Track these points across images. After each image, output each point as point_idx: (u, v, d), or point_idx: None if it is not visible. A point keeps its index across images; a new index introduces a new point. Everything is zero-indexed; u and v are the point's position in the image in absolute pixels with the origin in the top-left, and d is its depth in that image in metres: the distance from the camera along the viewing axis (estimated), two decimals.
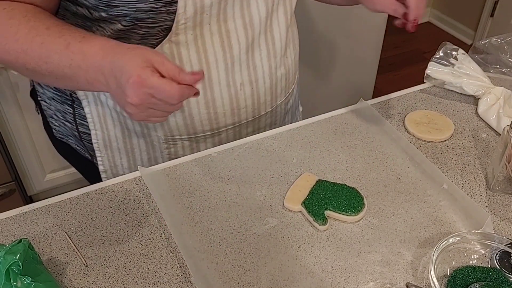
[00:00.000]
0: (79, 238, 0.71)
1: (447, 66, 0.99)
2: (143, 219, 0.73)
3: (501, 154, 0.76)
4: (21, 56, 0.67)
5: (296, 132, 0.89)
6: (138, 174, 0.81)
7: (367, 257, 0.68)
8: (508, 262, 0.65)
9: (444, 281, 0.65)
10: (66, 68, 0.66)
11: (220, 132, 0.88)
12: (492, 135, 0.89)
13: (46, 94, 0.92)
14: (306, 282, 0.65)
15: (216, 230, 0.72)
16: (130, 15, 0.70)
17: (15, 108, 1.65)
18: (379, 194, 0.77)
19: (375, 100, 0.98)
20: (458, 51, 0.99)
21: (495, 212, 0.75)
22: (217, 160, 0.84)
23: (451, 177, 0.81)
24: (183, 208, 0.75)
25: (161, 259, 0.68)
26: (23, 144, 1.74)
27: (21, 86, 1.62)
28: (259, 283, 0.65)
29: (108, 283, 0.65)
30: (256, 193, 0.77)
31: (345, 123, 0.91)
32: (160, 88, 0.59)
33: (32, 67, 0.68)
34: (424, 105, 0.96)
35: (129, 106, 0.62)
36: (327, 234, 0.71)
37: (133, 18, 0.71)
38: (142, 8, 0.69)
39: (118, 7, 0.70)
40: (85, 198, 0.77)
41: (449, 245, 0.67)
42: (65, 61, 0.66)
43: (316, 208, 0.73)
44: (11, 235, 0.71)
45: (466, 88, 0.96)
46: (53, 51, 0.66)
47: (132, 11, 0.70)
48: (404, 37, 3.13)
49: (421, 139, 0.88)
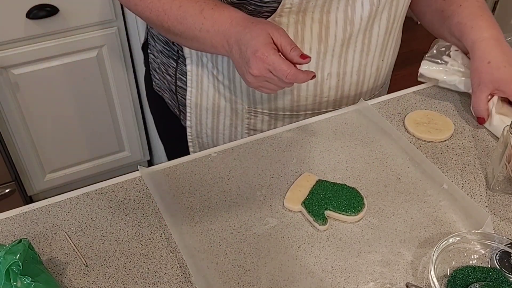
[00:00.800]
0: (79, 238, 0.71)
1: (440, 64, 0.98)
2: (143, 219, 0.73)
3: (501, 154, 0.76)
4: (161, 15, 0.76)
5: (296, 132, 0.89)
6: (138, 174, 0.81)
7: (367, 257, 0.68)
8: (508, 262, 0.65)
9: (444, 281, 0.65)
10: (196, 30, 0.75)
11: (299, 114, 0.93)
12: (492, 135, 0.89)
13: (157, 47, 1.00)
14: (306, 282, 0.65)
15: (216, 230, 0.72)
16: None
17: (15, 108, 1.65)
18: (379, 194, 0.77)
19: (375, 100, 0.98)
20: (451, 48, 0.98)
21: (495, 212, 0.75)
22: (217, 160, 0.84)
23: (451, 177, 0.81)
24: (183, 208, 0.75)
25: (161, 259, 0.68)
26: (23, 144, 1.74)
27: (21, 86, 1.62)
28: (259, 283, 0.65)
29: (108, 283, 0.65)
30: (256, 193, 0.77)
31: (345, 123, 0.91)
32: (278, 67, 0.68)
33: (168, 26, 0.77)
34: (424, 105, 0.96)
35: (249, 76, 0.71)
36: (327, 234, 0.71)
37: None
38: None
39: None
40: (85, 198, 0.77)
41: (449, 245, 0.67)
42: (197, 24, 0.75)
43: (316, 208, 0.73)
44: (11, 235, 0.71)
45: (459, 85, 0.96)
46: (188, 14, 0.75)
47: None
48: (404, 37, 3.12)
49: (421, 139, 0.88)
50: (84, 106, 1.78)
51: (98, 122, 1.85)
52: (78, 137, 1.84)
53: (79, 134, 1.84)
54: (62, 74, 1.68)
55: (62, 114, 1.76)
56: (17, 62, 1.58)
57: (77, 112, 1.78)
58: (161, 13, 0.76)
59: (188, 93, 0.97)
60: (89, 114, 1.81)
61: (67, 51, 1.64)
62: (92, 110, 1.81)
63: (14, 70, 1.59)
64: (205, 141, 1.03)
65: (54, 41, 1.60)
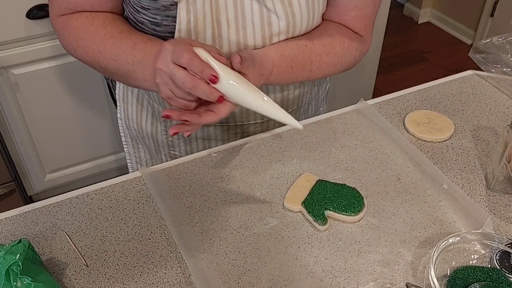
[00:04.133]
0: (79, 238, 0.71)
1: None
2: (143, 219, 0.73)
3: (501, 154, 0.76)
4: (97, 56, 0.78)
5: (296, 132, 0.89)
6: (138, 174, 0.81)
7: (367, 257, 0.68)
8: (508, 262, 0.65)
9: (444, 281, 0.65)
10: (129, 64, 0.75)
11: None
12: (492, 135, 0.89)
13: None
14: (306, 282, 0.65)
15: (216, 230, 0.72)
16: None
17: (15, 108, 1.65)
18: (379, 194, 0.77)
19: (375, 100, 0.98)
20: None
21: (495, 212, 0.75)
22: (217, 160, 0.83)
23: (451, 177, 0.81)
24: (183, 208, 0.75)
25: (161, 259, 0.68)
26: (23, 144, 1.74)
27: (21, 86, 1.62)
28: (259, 283, 0.65)
29: (108, 283, 0.65)
30: (256, 193, 0.77)
31: (345, 123, 0.91)
32: (173, 72, 0.66)
33: (105, 65, 0.78)
34: (424, 105, 0.96)
35: (156, 72, 0.69)
36: (327, 234, 0.71)
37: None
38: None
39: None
40: (85, 198, 0.77)
41: (449, 245, 0.67)
42: (130, 58, 0.75)
43: (316, 208, 0.73)
44: (11, 235, 0.71)
45: None
46: (121, 50, 0.75)
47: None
48: (404, 37, 3.13)
49: (421, 139, 0.88)
50: (84, 106, 1.78)
51: (98, 122, 1.84)
52: (78, 137, 1.84)
53: (79, 134, 1.83)
54: (62, 74, 1.68)
55: (62, 114, 1.76)
56: (17, 62, 1.57)
57: (77, 112, 1.78)
58: (96, 54, 0.77)
59: (117, 88, 1.01)
60: (89, 114, 1.81)
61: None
62: (92, 110, 1.81)
63: (14, 70, 1.59)
64: (133, 133, 1.05)
65: (54, 41, 1.60)
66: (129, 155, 1.12)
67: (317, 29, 0.84)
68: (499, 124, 0.91)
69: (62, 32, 0.81)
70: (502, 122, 0.92)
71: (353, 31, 0.87)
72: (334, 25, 0.86)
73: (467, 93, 0.99)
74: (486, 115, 0.94)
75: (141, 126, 1.00)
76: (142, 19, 0.78)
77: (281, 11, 0.76)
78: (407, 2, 3.39)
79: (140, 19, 0.78)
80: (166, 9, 0.74)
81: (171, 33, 0.77)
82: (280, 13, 0.76)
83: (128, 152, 1.11)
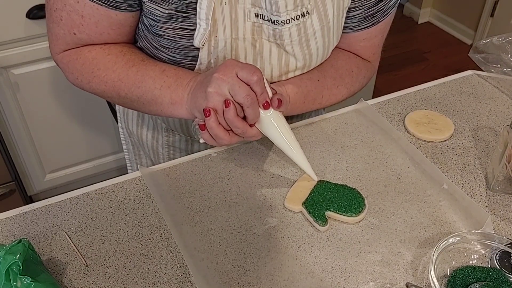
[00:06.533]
0: (79, 238, 0.71)
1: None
2: (143, 219, 0.73)
3: (501, 154, 0.76)
4: (117, 84, 0.76)
5: (296, 132, 0.89)
6: (138, 174, 0.81)
7: (367, 257, 0.68)
8: (508, 262, 0.65)
9: (444, 281, 0.65)
10: (156, 90, 0.74)
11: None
12: (492, 135, 0.89)
13: None
14: (306, 282, 0.65)
15: (216, 230, 0.72)
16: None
17: (15, 108, 1.65)
18: (379, 194, 0.77)
19: (375, 100, 0.98)
20: None
21: (495, 212, 0.75)
22: (217, 160, 0.84)
23: (451, 177, 0.81)
24: (183, 208, 0.75)
25: (161, 259, 0.68)
26: (23, 144, 1.74)
27: (21, 86, 1.62)
28: (259, 283, 0.65)
29: (108, 283, 0.65)
30: (256, 193, 0.77)
31: (345, 123, 0.91)
32: (238, 85, 0.66)
33: (125, 93, 0.76)
34: (424, 105, 0.96)
35: (206, 97, 0.67)
36: (327, 234, 0.71)
37: None
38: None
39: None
40: (85, 198, 0.77)
41: (449, 245, 0.67)
42: (158, 83, 0.74)
43: (316, 208, 0.73)
44: (11, 235, 0.71)
45: None
46: (148, 76, 0.74)
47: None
48: (404, 37, 3.13)
49: (421, 139, 0.88)
50: (84, 106, 1.78)
51: (98, 122, 1.84)
52: (78, 137, 1.84)
53: (79, 134, 1.83)
54: (62, 74, 1.68)
55: (62, 114, 1.76)
56: (17, 62, 1.57)
57: (77, 112, 1.78)
58: (116, 82, 0.75)
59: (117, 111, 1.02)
60: (89, 114, 1.81)
61: None
62: (92, 110, 1.81)
63: (14, 70, 1.59)
64: (135, 141, 1.06)
65: None
66: (130, 161, 1.12)
67: (328, 60, 0.85)
68: (499, 124, 0.91)
69: (71, 64, 0.78)
70: (502, 122, 0.92)
71: (361, 57, 0.89)
72: (344, 54, 0.87)
73: (467, 93, 0.99)
74: (486, 115, 0.94)
75: (141, 138, 1.01)
76: (160, 56, 0.78)
77: (299, 53, 0.77)
78: (407, 2, 3.39)
79: (158, 55, 0.78)
80: (186, 49, 0.74)
81: None
82: (298, 55, 0.78)
83: (129, 159, 1.11)
